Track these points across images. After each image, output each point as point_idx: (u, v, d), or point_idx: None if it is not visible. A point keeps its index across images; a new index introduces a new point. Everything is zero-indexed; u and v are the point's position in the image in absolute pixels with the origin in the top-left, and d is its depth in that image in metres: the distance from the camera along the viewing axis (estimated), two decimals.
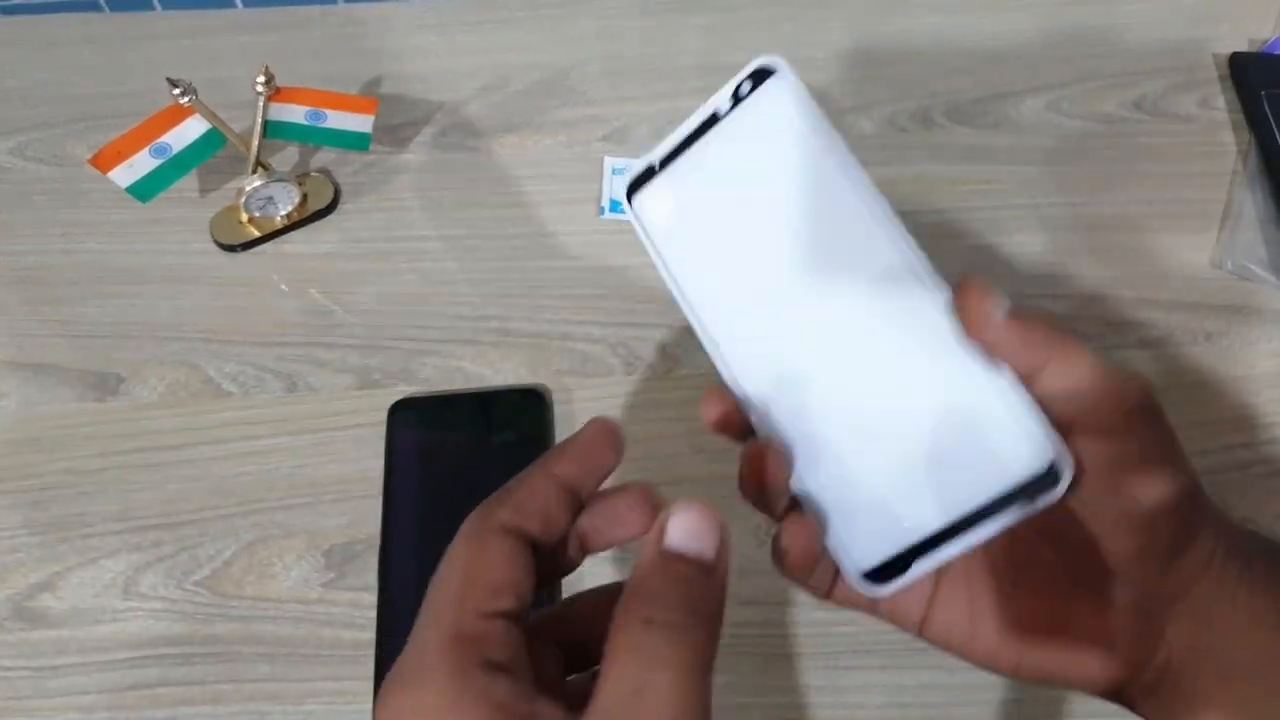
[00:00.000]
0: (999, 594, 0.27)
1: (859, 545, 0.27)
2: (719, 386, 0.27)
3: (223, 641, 0.41)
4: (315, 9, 0.62)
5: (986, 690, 0.41)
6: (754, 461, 0.27)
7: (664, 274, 0.30)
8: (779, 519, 0.27)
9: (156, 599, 0.42)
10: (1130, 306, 0.50)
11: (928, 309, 0.25)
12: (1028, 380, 0.24)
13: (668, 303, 0.53)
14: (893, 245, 0.26)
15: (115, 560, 0.43)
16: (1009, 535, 0.25)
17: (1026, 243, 0.52)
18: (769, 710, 0.40)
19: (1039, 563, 0.27)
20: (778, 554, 0.27)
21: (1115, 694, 0.26)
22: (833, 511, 0.27)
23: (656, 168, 0.29)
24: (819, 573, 0.27)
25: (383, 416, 0.46)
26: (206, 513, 0.44)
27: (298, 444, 0.46)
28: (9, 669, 0.41)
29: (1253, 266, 0.51)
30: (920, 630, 0.28)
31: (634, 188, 0.30)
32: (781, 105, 0.27)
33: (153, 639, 0.41)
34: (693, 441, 0.46)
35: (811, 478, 0.27)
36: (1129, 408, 0.24)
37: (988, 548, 0.26)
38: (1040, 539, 0.27)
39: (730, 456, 0.45)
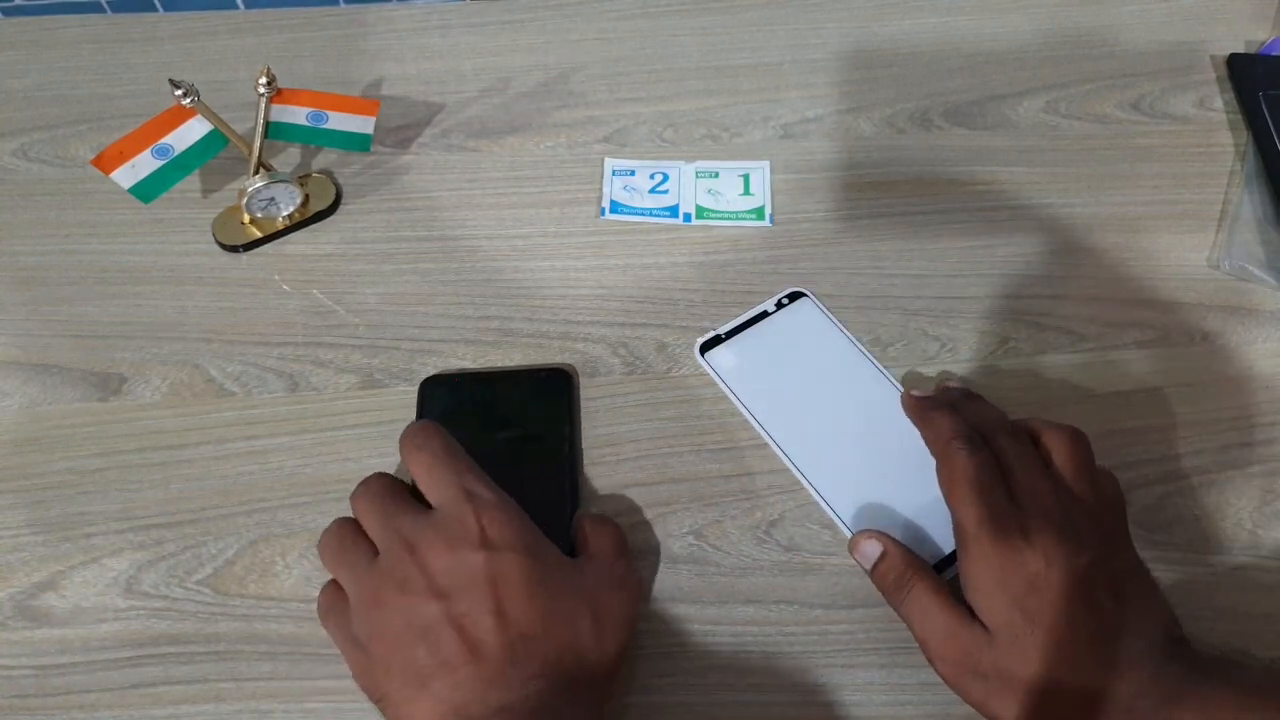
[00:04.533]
0: None
1: None
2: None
3: (225, 640, 0.42)
4: (317, 10, 0.62)
5: None
6: None
7: (735, 402, 0.46)
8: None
9: (159, 598, 0.42)
10: (1128, 307, 0.51)
11: (900, 424, 0.45)
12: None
13: (667, 303, 0.53)
14: (880, 385, 0.47)
15: (118, 559, 0.43)
16: None
17: (1024, 244, 0.53)
18: (769, 710, 0.40)
19: None
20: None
21: None
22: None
23: (723, 337, 0.48)
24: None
25: (384, 416, 0.46)
26: (209, 512, 0.45)
27: (300, 443, 0.46)
28: (12, 667, 0.41)
29: (1250, 267, 0.51)
30: None
31: (706, 346, 0.48)
32: (808, 312, 0.49)
33: (155, 637, 0.42)
34: (693, 441, 0.46)
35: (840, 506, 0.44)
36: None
37: None
38: None
39: (729, 457, 0.46)
